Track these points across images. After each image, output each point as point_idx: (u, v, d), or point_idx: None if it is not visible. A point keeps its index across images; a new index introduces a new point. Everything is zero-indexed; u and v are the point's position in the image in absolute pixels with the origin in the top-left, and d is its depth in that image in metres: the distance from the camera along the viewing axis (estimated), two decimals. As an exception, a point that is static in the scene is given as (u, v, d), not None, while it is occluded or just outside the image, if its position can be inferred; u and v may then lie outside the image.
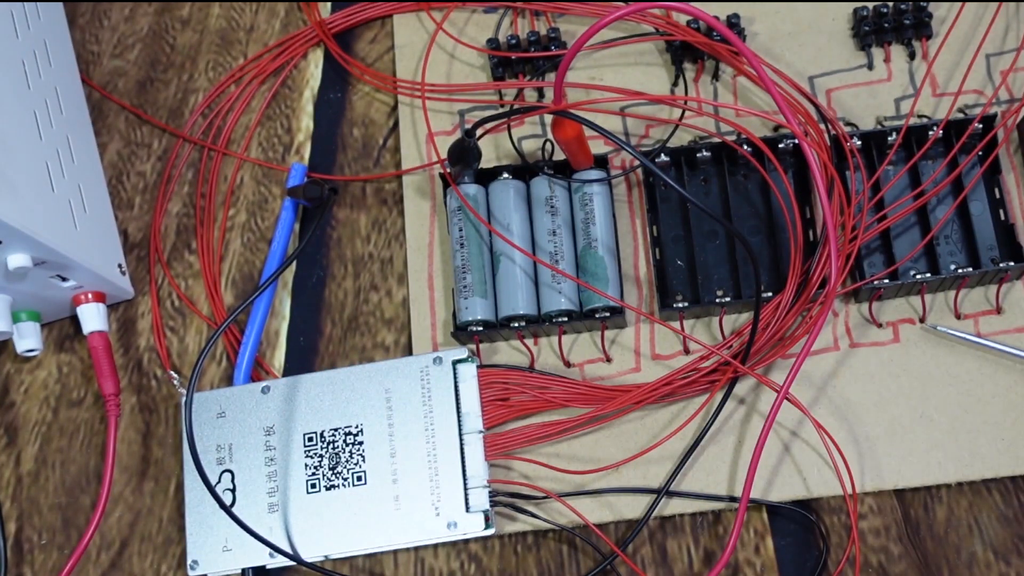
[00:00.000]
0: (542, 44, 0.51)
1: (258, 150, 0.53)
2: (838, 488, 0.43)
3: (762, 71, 0.39)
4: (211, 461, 0.45)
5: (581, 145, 0.45)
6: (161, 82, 0.55)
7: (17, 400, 0.50)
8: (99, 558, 0.47)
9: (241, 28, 0.56)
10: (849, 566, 0.43)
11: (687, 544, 0.44)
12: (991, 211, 0.46)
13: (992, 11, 0.50)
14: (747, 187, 0.48)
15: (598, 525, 0.43)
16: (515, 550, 0.45)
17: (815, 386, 0.45)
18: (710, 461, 0.45)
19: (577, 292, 0.46)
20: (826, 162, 0.45)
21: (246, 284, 0.51)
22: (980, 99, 0.48)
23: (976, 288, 0.46)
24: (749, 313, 0.46)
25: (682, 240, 0.47)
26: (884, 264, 0.46)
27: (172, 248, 0.52)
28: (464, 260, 0.46)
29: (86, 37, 0.56)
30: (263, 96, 0.54)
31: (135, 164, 0.54)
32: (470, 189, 0.47)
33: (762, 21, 0.51)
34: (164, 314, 0.51)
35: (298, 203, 0.51)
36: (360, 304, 0.50)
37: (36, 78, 0.49)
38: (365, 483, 0.43)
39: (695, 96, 0.50)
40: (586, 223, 0.46)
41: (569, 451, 0.45)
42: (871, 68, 0.50)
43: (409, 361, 0.45)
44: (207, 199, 0.52)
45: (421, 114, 0.52)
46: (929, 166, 0.47)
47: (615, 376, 0.46)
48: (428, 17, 0.54)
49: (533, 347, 0.47)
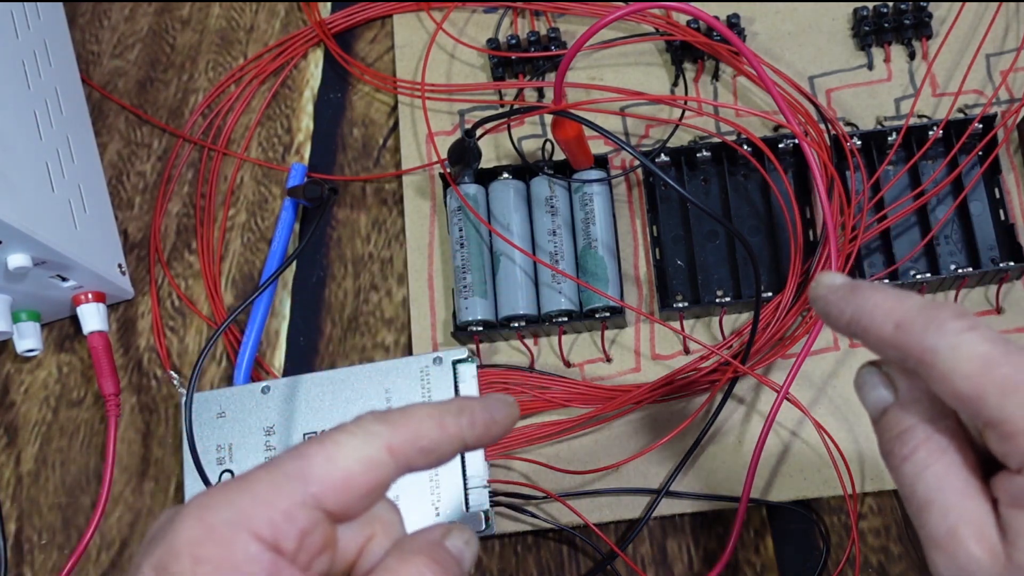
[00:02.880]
0: (542, 44, 0.51)
1: (258, 150, 0.53)
2: (838, 488, 0.43)
3: (762, 71, 0.39)
4: (211, 461, 0.45)
5: (581, 145, 0.45)
6: (161, 82, 0.55)
7: (17, 400, 0.50)
8: (99, 558, 0.47)
9: (241, 28, 0.56)
10: (849, 566, 0.43)
11: (687, 544, 0.44)
12: (991, 211, 0.46)
13: (992, 11, 0.50)
14: (747, 187, 0.48)
15: (598, 525, 0.43)
16: (515, 550, 0.45)
17: (815, 386, 0.45)
18: (710, 461, 0.45)
19: (577, 292, 0.46)
20: (826, 162, 0.45)
21: (246, 284, 0.51)
22: (980, 99, 0.48)
23: (976, 288, 0.46)
24: (749, 313, 0.46)
25: (682, 240, 0.47)
26: (884, 264, 0.46)
27: (172, 248, 0.52)
28: (464, 260, 0.46)
29: (86, 37, 0.56)
30: (263, 96, 0.54)
31: (135, 164, 0.54)
32: (470, 189, 0.47)
33: (762, 21, 0.51)
34: (164, 314, 0.51)
35: (298, 203, 0.51)
36: (360, 304, 0.50)
37: (36, 78, 0.49)
38: (365, 483, 0.43)
39: (695, 96, 0.50)
40: (586, 223, 0.46)
41: (569, 451, 0.45)
42: (871, 68, 0.50)
43: (409, 361, 0.45)
44: (207, 199, 0.52)
45: (421, 114, 0.52)
46: (929, 166, 0.47)
47: (615, 376, 0.46)
48: (428, 17, 0.54)
49: (533, 347, 0.47)
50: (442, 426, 0.28)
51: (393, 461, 0.27)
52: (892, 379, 0.30)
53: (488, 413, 0.29)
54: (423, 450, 0.27)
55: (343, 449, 0.26)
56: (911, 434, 0.29)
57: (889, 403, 0.30)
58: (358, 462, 0.26)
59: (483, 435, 0.29)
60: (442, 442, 0.28)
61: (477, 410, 0.29)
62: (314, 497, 0.25)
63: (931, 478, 0.28)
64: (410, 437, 0.27)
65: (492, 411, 0.29)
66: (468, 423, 0.28)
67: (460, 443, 0.28)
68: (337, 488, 0.26)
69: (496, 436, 0.29)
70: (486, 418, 0.29)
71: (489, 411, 0.29)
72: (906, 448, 0.29)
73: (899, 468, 0.29)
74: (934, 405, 0.29)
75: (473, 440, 0.29)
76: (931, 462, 0.28)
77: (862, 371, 0.31)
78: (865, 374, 0.31)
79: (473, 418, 0.29)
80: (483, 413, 0.29)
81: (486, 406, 0.29)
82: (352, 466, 0.26)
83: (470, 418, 0.29)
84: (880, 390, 0.30)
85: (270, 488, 0.25)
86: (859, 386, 0.31)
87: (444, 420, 0.28)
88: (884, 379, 0.30)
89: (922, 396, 0.29)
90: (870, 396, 0.30)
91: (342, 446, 0.26)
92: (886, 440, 0.29)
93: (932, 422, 0.29)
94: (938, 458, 0.28)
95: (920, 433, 0.29)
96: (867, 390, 0.30)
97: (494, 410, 0.29)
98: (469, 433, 0.28)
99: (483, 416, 0.29)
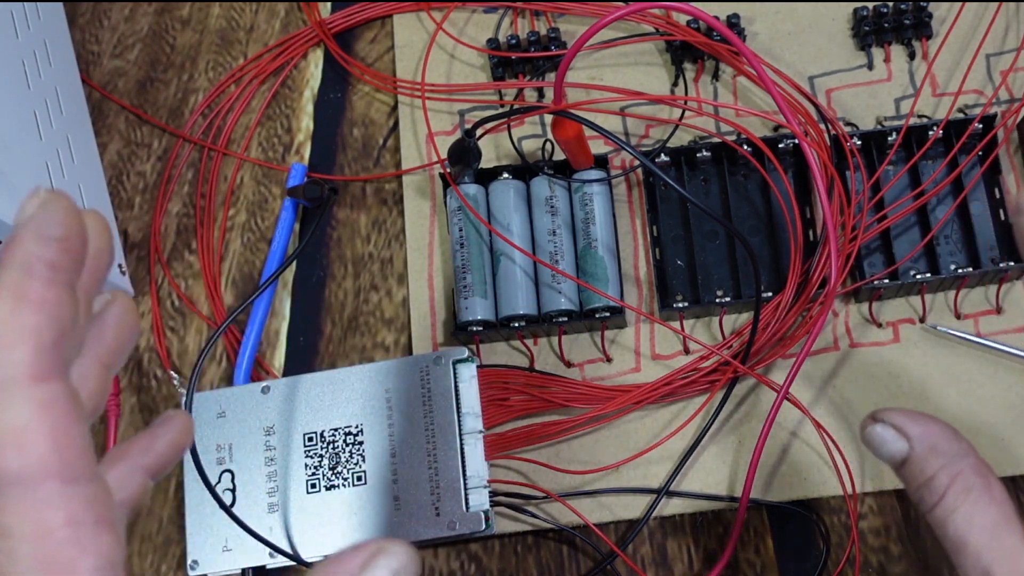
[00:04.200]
0: (542, 44, 0.51)
1: (258, 150, 0.53)
2: (838, 488, 0.43)
3: (762, 71, 0.39)
4: (211, 461, 0.45)
5: (581, 145, 0.45)
6: (161, 82, 0.55)
7: (17, 400, 0.50)
8: (99, 558, 0.47)
9: (241, 28, 0.56)
10: (849, 566, 0.43)
11: (687, 544, 0.44)
12: (991, 211, 0.46)
13: (992, 11, 0.50)
14: (747, 187, 0.48)
15: (598, 525, 0.43)
16: (515, 550, 0.45)
17: (815, 386, 0.45)
18: (710, 461, 0.45)
19: (577, 292, 0.46)
20: (826, 162, 0.45)
21: (246, 284, 0.51)
22: (980, 99, 0.48)
23: (976, 288, 0.46)
24: (749, 313, 0.46)
25: (682, 240, 0.47)
26: (884, 264, 0.46)
27: (172, 248, 0.52)
28: (464, 260, 0.46)
29: (86, 37, 0.56)
30: (263, 96, 0.54)
31: (135, 164, 0.54)
32: (470, 189, 0.47)
33: (762, 21, 0.51)
34: (164, 314, 0.51)
35: (298, 203, 0.51)
36: (360, 304, 0.50)
37: (36, 78, 0.49)
38: (365, 483, 0.43)
39: (695, 96, 0.50)
40: (586, 223, 0.46)
41: (569, 451, 0.45)
42: (871, 68, 0.50)
43: (409, 361, 0.45)
44: (207, 199, 0.52)
45: (421, 114, 0.52)
46: (929, 166, 0.47)
47: (615, 376, 0.46)
48: (428, 17, 0.54)
49: (533, 347, 0.47)
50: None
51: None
52: (901, 428, 0.31)
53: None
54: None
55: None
56: (936, 481, 0.29)
57: (906, 453, 0.30)
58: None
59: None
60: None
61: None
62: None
63: (960, 520, 0.29)
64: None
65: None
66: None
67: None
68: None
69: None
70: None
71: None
72: (935, 496, 0.29)
73: (930, 514, 0.30)
74: (951, 446, 0.30)
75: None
76: (958, 504, 0.29)
77: (867, 432, 0.31)
78: (871, 433, 0.31)
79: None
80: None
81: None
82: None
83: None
84: (893, 443, 0.31)
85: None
86: (870, 444, 0.31)
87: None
88: (893, 431, 0.31)
89: (937, 440, 0.30)
90: (885, 451, 0.31)
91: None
92: (914, 490, 0.30)
93: (952, 464, 0.29)
94: (964, 499, 0.29)
95: (944, 478, 0.29)
96: (879, 446, 0.31)
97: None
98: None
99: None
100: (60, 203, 0.22)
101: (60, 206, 0.22)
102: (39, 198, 0.22)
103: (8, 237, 0.22)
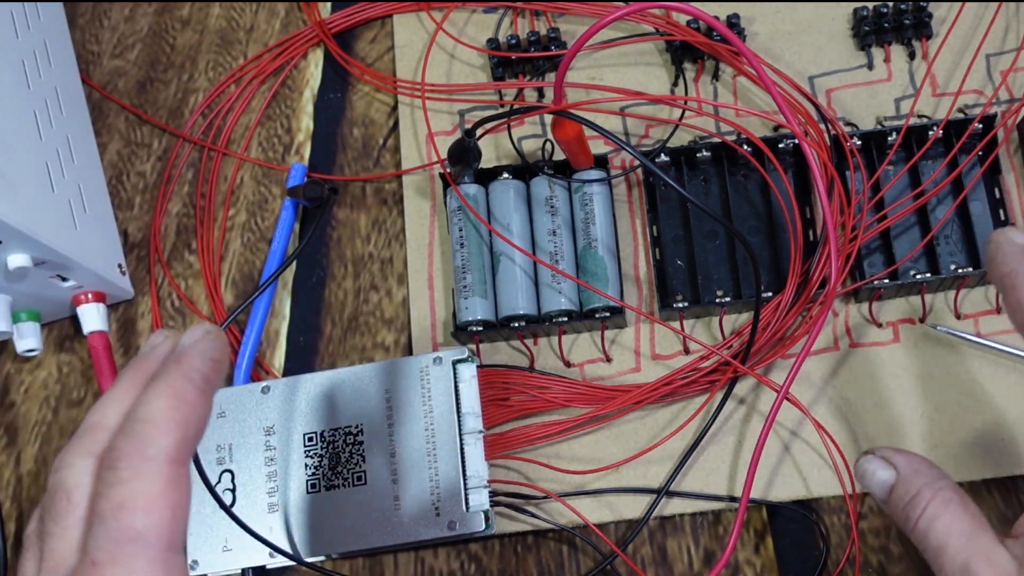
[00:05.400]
0: (542, 44, 0.51)
1: (258, 150, 0.53)
2: (838, 488, 0.43)
3: (762, 71, 0.39)
4: (211, 461, 0.45)
5: (581, 145, 0.45)
6: (161, 82, 0.55)
7: (17, 400, 0.50)
8: (99, 558, 0.47)
9: (241, 28, 0.56)
10: (849, 566, 0.43)
11: (687, 544, 0.44)
12: (991, 211, 0.46)
13: (992, 11, 0.50)
14: (747, 187, 0.48)
15: (598, 525, 0.43)
16: (515, 550, 0.45)
17: (815, 386, 0.45)
18: (710, 461, 0.45)
19: (577, 292, 0.46)
20: (826, 162, 0.45)
21: (246, 284, 0.51)
22: (980, 99, 0.48)
23: (976, 288, 0.46)
24: (749, 313, 0.46)
25: (682, 240, 0.47)
26: (884, 264, 0.46)
27: (172, 248, 0.52)
28: (464, 260, 0.46)
29: (86, 37, 0.56)
30: (263, 96, 0.54)
31: (135, 164, 0.54)
32: (470, 189, 0.47)
33: (762, 21, 0.51)
34: (164, 314, 0.51)
35: (298, 203, 0.51)
36: (360, 304, 0.50)
37: (36, 78, 0.49)
38: (365, 483, 0.43)
39: (695, 96, 0.50)
40: (586, 223, 0.46)
41: (569, 451, 0.45)
42: (871, 68, 0.50)
43: (409, 361, 0.45)
44: (207, 199, 0.52)
45: (421, 114, 0.52)
46: (929, 166, 0.47)
47: (615, 376, 0.46)
48: (428, 17, 0.54)
49: (533, 347, 0.47)
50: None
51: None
52: (889, 460, 0.35)
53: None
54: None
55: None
56: (919, 497, 0.33)
57: (894, 479, 0.34)
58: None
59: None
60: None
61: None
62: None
63: (940, 527, 0.32)
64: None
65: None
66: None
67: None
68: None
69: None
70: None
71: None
72: (917, 510, 0.33)
73: (915, 529, 0.33)
74: (932, 471, 0.34)
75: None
76: (939, 514, 0.33)
77: (858, 465, 0.36)
78: (862, 464, 0.35)
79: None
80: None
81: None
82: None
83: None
84: (882, 473, 0.35)
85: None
86: (861, 476, 0.36)
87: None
88: (882, 462, 0.35)
89: (920, 466, 0.34)
90: (875, 480, 0.35)
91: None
92: (900, 510, 0.34)
93: (934, 483, 0.33)
94: (944, 509, 0.33)
95: (926, 494, 0.33)
96: (869, 477, 0.35)
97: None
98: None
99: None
100: (222, 336, 0.30)
101: (221, 337, 0.30)
102: (204, 328, 0.30)
103: (175, 353, 0.29)
